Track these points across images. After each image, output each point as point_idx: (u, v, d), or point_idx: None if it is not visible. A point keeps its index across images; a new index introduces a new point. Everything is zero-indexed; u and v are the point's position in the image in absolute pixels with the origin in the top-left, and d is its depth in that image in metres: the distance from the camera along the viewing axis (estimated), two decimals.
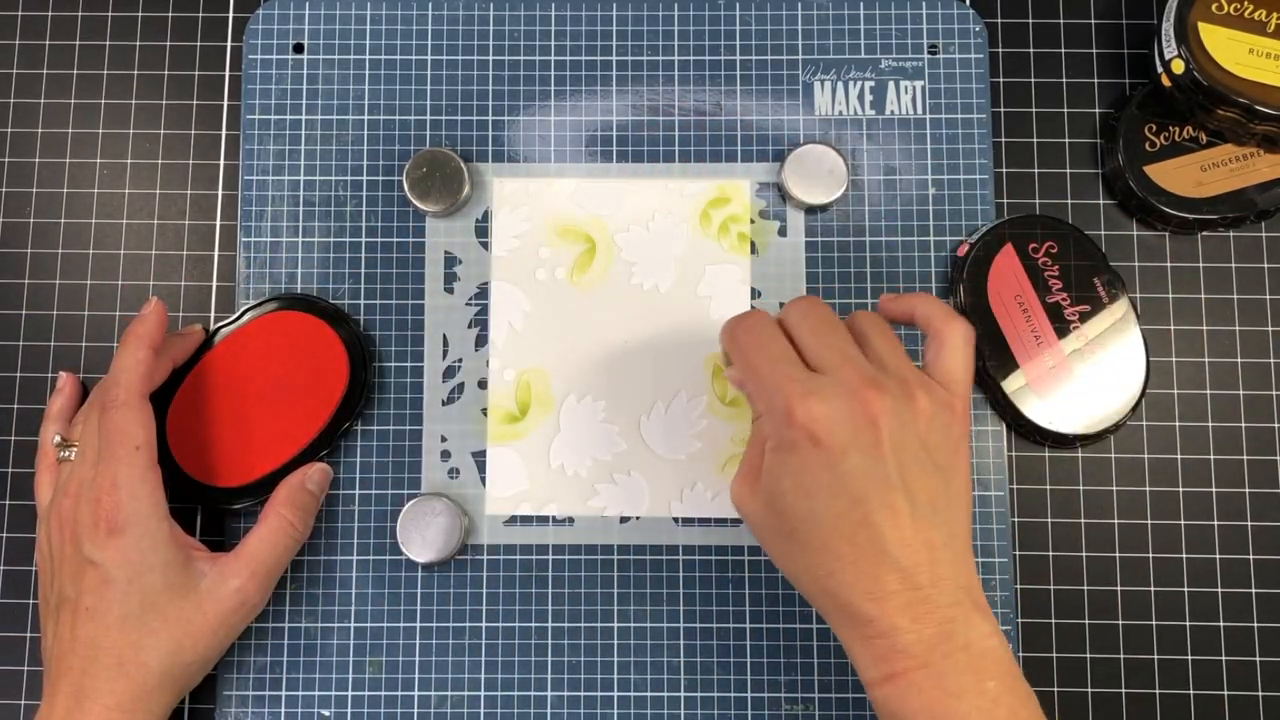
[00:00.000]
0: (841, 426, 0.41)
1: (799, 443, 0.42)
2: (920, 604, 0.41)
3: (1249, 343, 0.56)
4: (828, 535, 0.42)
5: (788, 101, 0.58)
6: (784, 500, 0.43)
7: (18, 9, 0.60)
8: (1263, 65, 0.53)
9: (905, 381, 0.44)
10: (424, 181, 0.56)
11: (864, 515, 0.41)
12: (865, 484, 0.41)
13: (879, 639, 0.41)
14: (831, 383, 0.42)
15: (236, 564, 0.50)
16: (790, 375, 0.43)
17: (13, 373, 0.57)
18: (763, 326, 0.45)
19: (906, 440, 0.42)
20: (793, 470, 0.42)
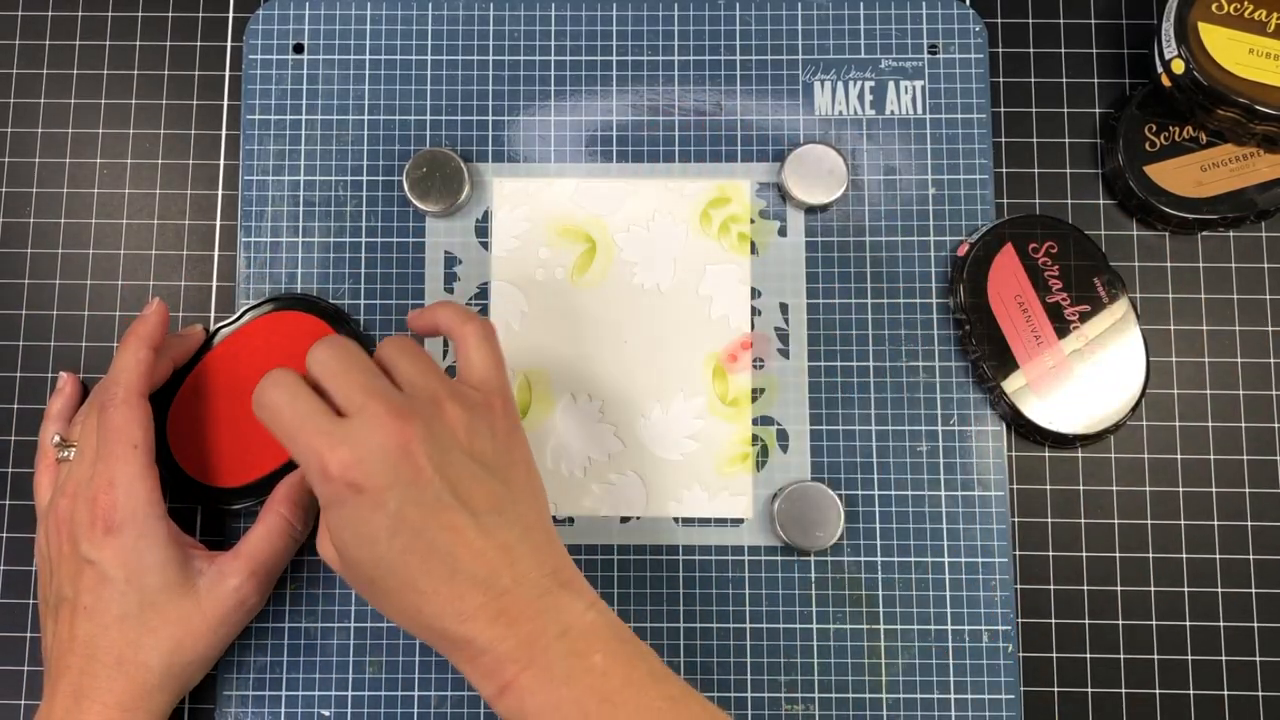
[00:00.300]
0: (377, 466, 0.41)
1: (342, 495, 0.41)
2: (510, 608, 0.41)
3: (1249, 343, 0.56)
4: (402, 575, 0.41)
5: (788, 101, 0.58)
6: (350, 553, 0.42)
7: (18, 9, 0.60)
8: (1263, 65, 0.53)
9: (435, 398, 0.43)
10: (424, 181, 0.56)
11: (428, 544, 0.41)
12: (419, 514, 0.41)
13: (482, 656, 0.41)
14: (358, 424, 0.42)
15: (235, 563, 0.50)
16: (318, 428, 0.42)
17: (13, 373, 0.57)
18: (284, 385, 0.43)
19: (449, 456, 0.42)
20: (346, 523, 0.42)
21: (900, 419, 0.55)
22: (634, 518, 0.55)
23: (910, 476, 0.55)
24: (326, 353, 0.44)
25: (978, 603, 0.54)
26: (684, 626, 0.54)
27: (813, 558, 0.54)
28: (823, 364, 0.56)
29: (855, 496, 0.55)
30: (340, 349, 0.44)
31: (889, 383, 0.56)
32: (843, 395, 0.56)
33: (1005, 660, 0.53)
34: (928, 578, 0.54)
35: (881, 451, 0.55)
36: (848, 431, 0.55)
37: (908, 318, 0.56)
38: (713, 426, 0.55)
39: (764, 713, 0.53)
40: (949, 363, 0.56)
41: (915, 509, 0.55)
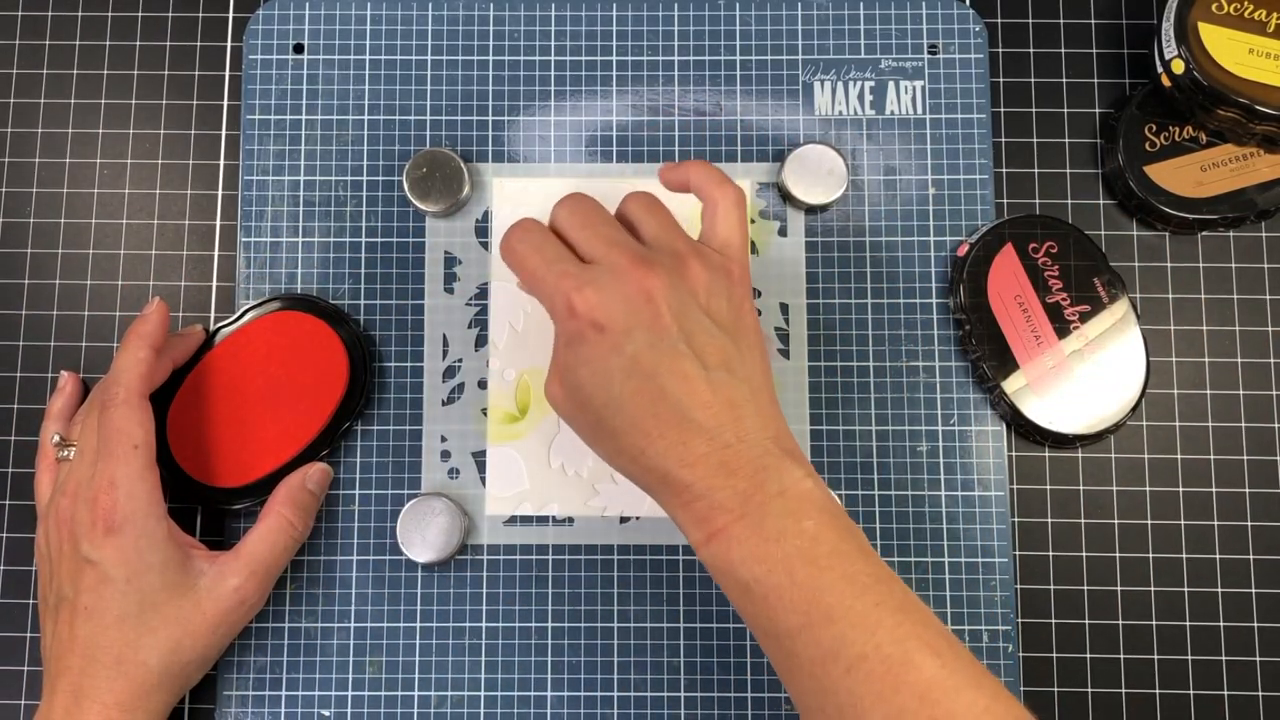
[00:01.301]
0: (619, 308, 0.43)
1: (584, 333, 0.44)
2: (731, 460, 0.42)
3: (1249, 343, 0.56)
4: (631, 415, 0.43)
5: (788, 101, 0.58)
6: (584, 391, 0.44)
7: (18, 9, 0.60)
8: (1263, 65, 0.53)
9: (678, 254, 0.45)
10: (424, 181, 0.56)
11: (660, 388, 0.43)
12: (654, 358, 0.43)
13: (697, 501, 0.42)
14: (604, 269, 0.44)
15: (235, 563, 0.50)
16: (565, 271, 0.44)
17: (13, 373, 0.57)
18: (533, 232, 0.47)
19: (687, 309, 0.44)
20: (584, 360, 0.44)
21: (900, 419, 0.55)
22: (634, 518, 0.55)
23: (910, 476, 0.55)
24: (572, 205, 0.47)
25: (978, 603, 0.54)
26: (684, 626, 0.54)
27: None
28: (823, 364, 0.56)
29: (855, 496, 0.55)
30: (585, 203, 0.47)
31: (889, 383, 0.56)
32: (843, 395, 0.56)
33: (1005, 660, 0.53)
34: (928, 578, 0.54)
35: (881, 451, 0.55)
36: (848, 431, 0.55)
37: (908, 318, 0.56)
38: None
39: (764, 713, 0.53)
40: (949, 363, 0.56)
41: (915, 509, 0.55)
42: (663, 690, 0.53)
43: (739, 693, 0.53)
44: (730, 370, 0.44)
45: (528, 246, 0.46)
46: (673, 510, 0.44)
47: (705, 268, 0.45)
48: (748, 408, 0.43)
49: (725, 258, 0.46)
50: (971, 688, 0.40)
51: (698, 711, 0.53)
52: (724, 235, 0.47)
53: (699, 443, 0.42)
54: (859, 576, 0.41)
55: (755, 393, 0.44)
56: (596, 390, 0.43)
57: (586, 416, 0.45)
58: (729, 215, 0.47)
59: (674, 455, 0.42)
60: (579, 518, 0.55)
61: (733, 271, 0.46)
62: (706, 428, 0.42)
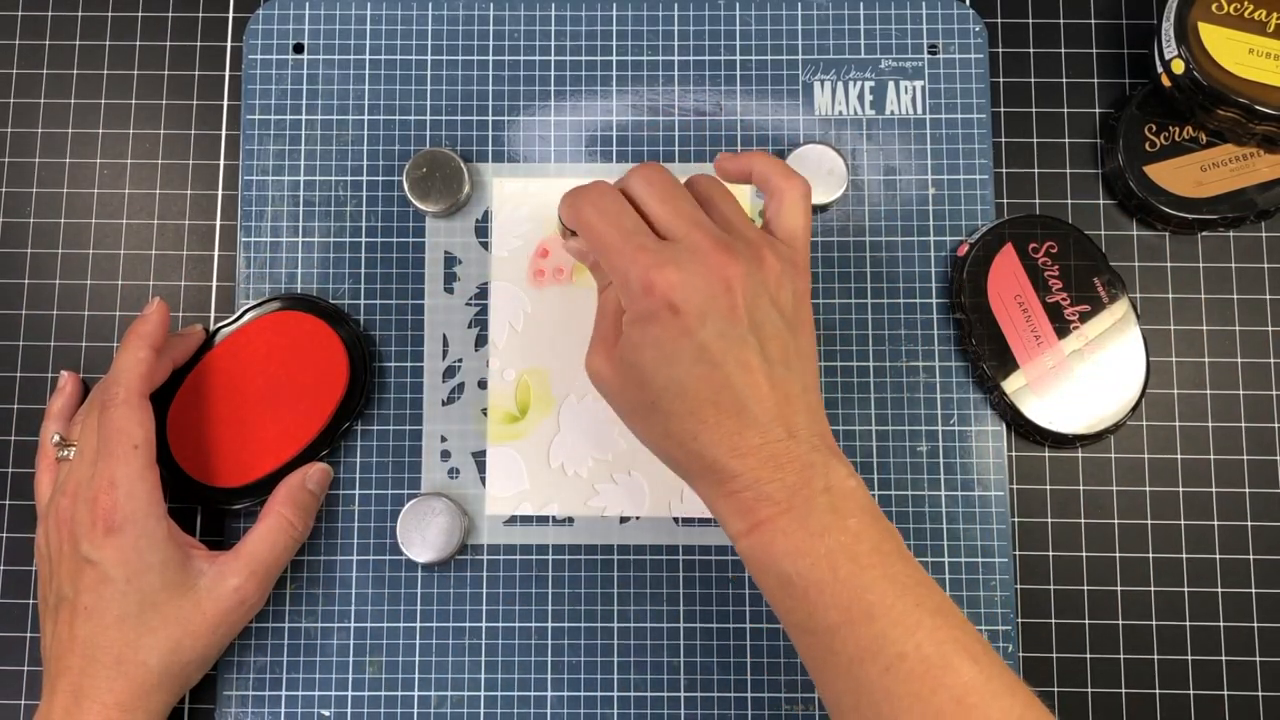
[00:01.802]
0: (698, 293, 0.42)
1: (658, 312, 0.43)
2: (781, 454, 0.42)
3: (1249, 343, 0.56)
4: (692, 400, 0.42)
5: (788, 101, 0.58)
6: (646, 370, 0.43)
7: (18, 9, 0.60)
8: (1263, 65, 0.53)
9: (753, 243, 0.45)
10: (424, 181, 0.56)
11: (724, 377, 0.42)
12: (724, 346, 0.42)
13: (744, 492, 0.42)
14: (685, 250, 0.43)
15: (235, 563, 0.50)
16: (644, 245, 0.43)
17: (13, 373, 0.57)
18: (608, 198, 0.45)
19: (759, 300, 0.43)
20: (653, 340, 0.43)
21: (900, 419, 0.55)
22: (634, 518, 0.55)
23: (910, 476, 0.55)
24: (650, 175, 0.46)
25: (978, 603, 0.54)
26: (684, 626, 0.54)
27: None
28: (823, 364, 0.56)
29: None
30: (663, 174, 0.46)
31: (889, 383, 0.56)
32: (843, 395, 0.56)
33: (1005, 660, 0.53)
34: None
35: (881, 451, 0.55)
36: (848, 431, 0.55)
37: (908, 318, 0.56)
38: None
39: (764, 713, 0.53)
40: (949, 363, 0.56)
41: (915, 509, 0.55)
42: (663, 690, 0.53)
43: (739, 693, 0.53)
44: (789, 365, 0.44)
45: (603, 214, 0.45)
46: (714, 499, 0.43)
47: (777, 259, 0.45)
48: (800, 403, 0.43)
49: (792, 249, 0.46)
50: (1007, 694, 0.40)
51: (698, 711, 0.53)
52: (790, 226, 0.47)
53: (753, 434, 0.42)
54: (899, 576, 0.42)
55: (807, 389, 0.44)
56: (659, 370, 0.43)
57: (640, 395, 0.44)
58: (795, 206, 0.47)
59: (727, 444, 0.42)
60: (579, 518, 0.55)
61: (799, 264, 0.46)
62: (761, 421, 0.42)
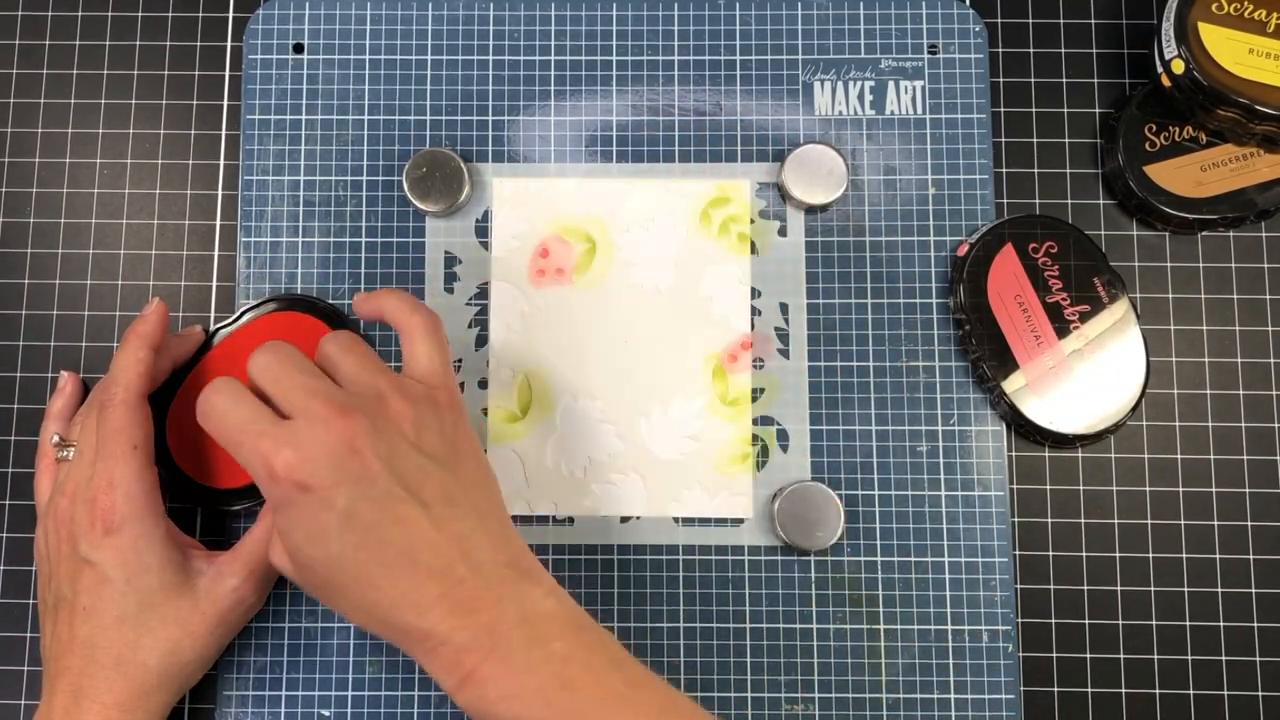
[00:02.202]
0: (323, 464, 0.41)
1: (290, 495, 0.41)
2: (467, 598, 0.41)
3: (1249, 343, 0.56)
4: (356, 571, 0.41)
5: (788, 101, 0.58)
6: (303, 553, 0.42)
7: (18, 9, 0.60)
8: (1263, 65, 0.53)
9: (379, 395, 0.43)
10: (424, 181, 0.56)
11: (380, 538, 0.41)
12: (369, 509, 0.41)
13: (442, 647, 0.41)
14: (302, 425, 0.42)
15: (234, 563, 0.50)
16: (262, 432, 0.42)
17: (13, 373, 0.57)
18: (224, 392, 0.43)
19: (396, 450, 0.42)
20: (296, 523, 0.42)
21: (900, 419, 0.55)
22: (634, 518, 0.55)
23: (910, 476, 0.55)
24: (266, 358, 0.44)
25: (978, 603, 0.54)
26: (684, 626, 0.54)
27: (813, 558, 0.54)
28: (823, 364, 0.56)
29: (855, 496, 0.55)
30: (279, 352, 0.44)
31: (889, 383, 0.56)
32: (843, 395, 0.56)
33: (1005, 660, 0.53)
34: (928, 578, 0.54)
35: (881, 451, 0.55)
36: (848, 431, 0.55)
37: (908, 318, 0.56)
38: (713, 426, 0.55)
39: (764, 713, 0.53)
40: (949, 363, 0.56)
41: (915, 509, 0.55)
42: None
43: (739, 693, 0.53)
44: (452, 503, 0.42)
45: (221, 409, 0.43)
46: (421, 660, 0.42)
47: (409, 402, 0.43)
48: (475, 537, 0.42)
49: (429, 386, 0.45)
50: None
51: None
52: (425, 363, 0.45)
53: (431, 586, 0.41)
54: (614, 688, 0.41)
55: (483, 519, 0.43)
56: (315, 551, 0.41)
57: (311, 578, 0.43)
58: (425, 341, 0.46)
59: (408, 604, 0.41)
60: (579, 518, 0.55)
61: (439, 399, 0.44)
62: (435, 569, 0.41)
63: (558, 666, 0.41)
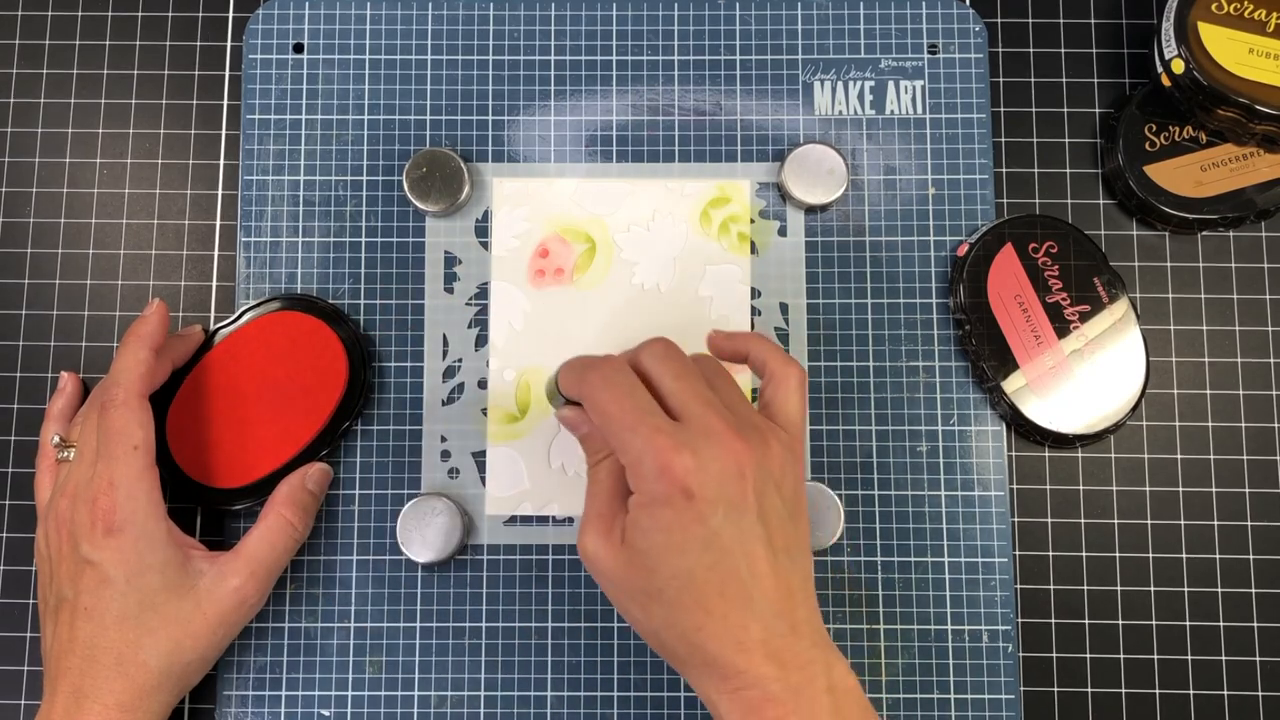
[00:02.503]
0: (714, 479, 0.41)
1: (672, 497, 0.41)
2: (785, 650, 0.41)
3: (1249, 343, 0.56)
4: (699, 590, 0.41)
5: (788, 101, 0.58)
6: (653, 557, 0.42)
7: (18, 9, 0.60)
8: (1263, 65, 0.53)
9: (759, 428, 0.43)
10: (424, 181, 0.56)
11: (732, 568, 0.41)
12: (734, 535, 0.41)
13: (749, 690, 0.41)
14: (699, 433, 0.42)
15: (235, 563, 0.50)
16: (659, 427, 0.42)
17: (13, 373, 0.57)
18: (620, 373, 0.44)
19: (766, 488, 0.42)
20: (665, 525, 0.41)
21: (900, 419, 0.55)
22: None
23: (910, 476, 0.55)
24: (664, 351, 0.45)
25: (978, 603, 0.54)
26: None
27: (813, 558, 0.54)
28: (823, 364, 0.56)
29: (855, 496, 0.55)
30: (677, 351, 0.45)
31: (889, 383, 0.56)
32: (843, 395, 0.56)
33: (1005, 660, 0.53)
34: (928, 578, 0.54)
35: (881, 451, 0.55)
36: (848, 431, 0.55)
37: (908, 318, 0.56)
38: None
39: None
40: (949, 363, 0.56)
41: (915, 509, 0.55)
42: (663, 690, 0.53)
43: None
44: (791, 556, 0.43)
45: (614, 389, 0.43)
46: (716, 695, 0.42)
47: (781, 446, 0.44)
48: (800, 596, 0.42)
49: (791, 437, 0.45)
50: None
51: (697, 711, 0.53)
52: (790, 413, 0.45)
53: (757, 628, 0.41)
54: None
55: (806, 580, 0.43)
56: (668, 559, 0.41)
57: (644, 582, 0.42)
58: (797, 393, 0.46)
59: (731, 638, 0.41)
60: (579, 518, 0.55)
61: (797, 452, 0.45)
62: (765, 614, 0.41)
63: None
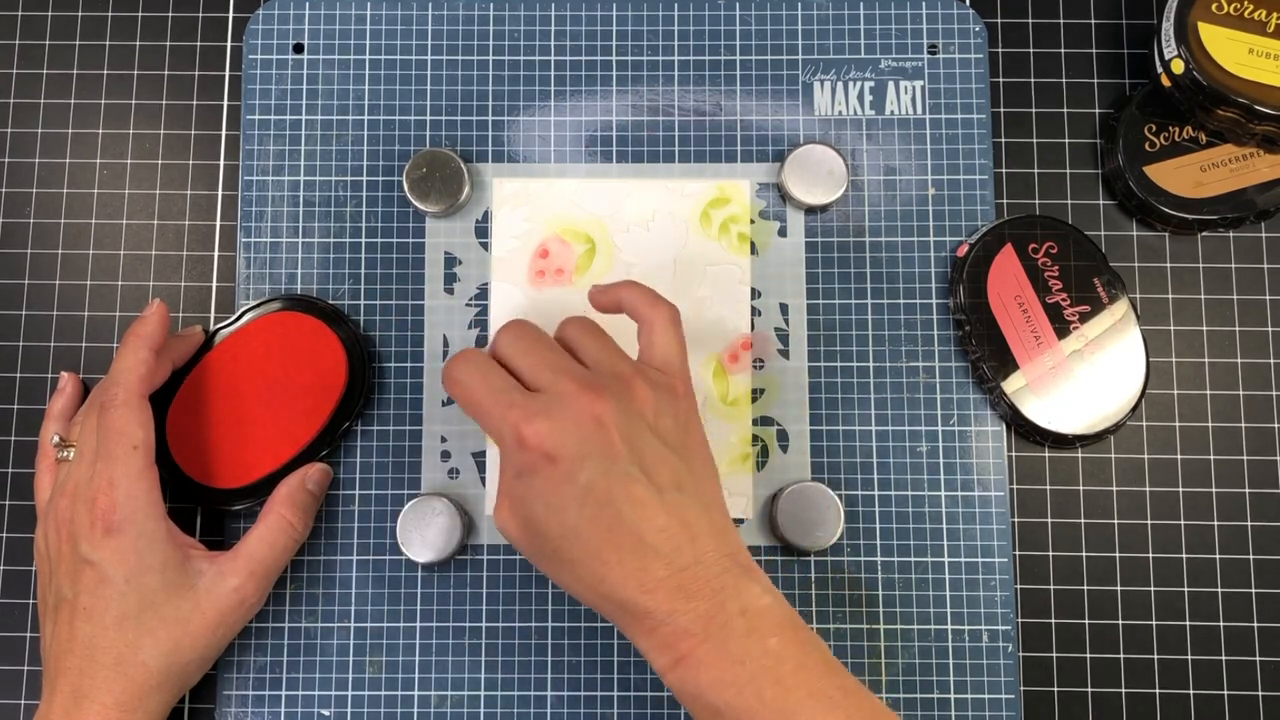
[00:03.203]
0: (571, 437, 0.43)
1: (536, 464, 0.43)
2: (689, 583, 0.42)
3: (1249, 343, 0.56)
4: (588, 544, 0.42)
5: (788, 101, 0.58)
6: (538, 522, 0.43)
7: (18, 9, 0.60)
8: (1263, 65, 0.53)
9: (622, 376, 0.45)
10: (424, 181, 0.56)
11: (615, 515, 0.42)
12: (608, 484, 0.42)
13: (661, 627, 0.42)
14: (552, 398, 0.44)
15: (235, 563, 0.50)
16: (512, 401, 0.44)
17: (13, 373, 0.57)
18: (475, 361, 0.46)
19: (636, 432, 0.43)
20: (538, 492, 0.43)
21: (900, 419, 0.55)
22: None
23: (910, 476, 0.55)
24: (513, 333, 0.47)
25: (978, 603, 0.54)
26: None
27: (813, 558, 0.54)
28: (823, 364, 0.56)
29: (855, 496, 0.55)
30: (527, 329, 0.47)
31: (889, 383, 0.56)
32: (843, 395, 0.56)
33: (1005, 660, 0.53)
34: (928, 578, 0.54)
35: (881, 451, 0.55)
36: (848, 431, 0.55)
37: (908, 318, 0.56)
38: (713, 427, 0.55)
39: None
40: (949, 363, 0.56)
41: (915, 509, 0.55)
42: (663, 690, 0.53)
43: None
44: (682, 490, 0.44)
45: (471, 376, 0.45)
46: (635, 637, 0.43)
47: (651, 388, 0.45)
48: (702, 526, 0.43)
49: (668, 375, 0.46)
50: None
51: None
52: (663, 353, 0.47)
53: (657, 567, 0.42)
54: (826, 691, 0.42)
55: (708, 509, 0.44)
56: (551, 521, 0.43)
57: (542, 546, 0.44)
58: (667, 332, 0.47)
59: (633, 582, 0.42)
60: None
61: (677, 389, 0.46)
62: (663, 551, 0.42)
63: (772, 661, 0.42)
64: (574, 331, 0.48)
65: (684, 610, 0.42)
